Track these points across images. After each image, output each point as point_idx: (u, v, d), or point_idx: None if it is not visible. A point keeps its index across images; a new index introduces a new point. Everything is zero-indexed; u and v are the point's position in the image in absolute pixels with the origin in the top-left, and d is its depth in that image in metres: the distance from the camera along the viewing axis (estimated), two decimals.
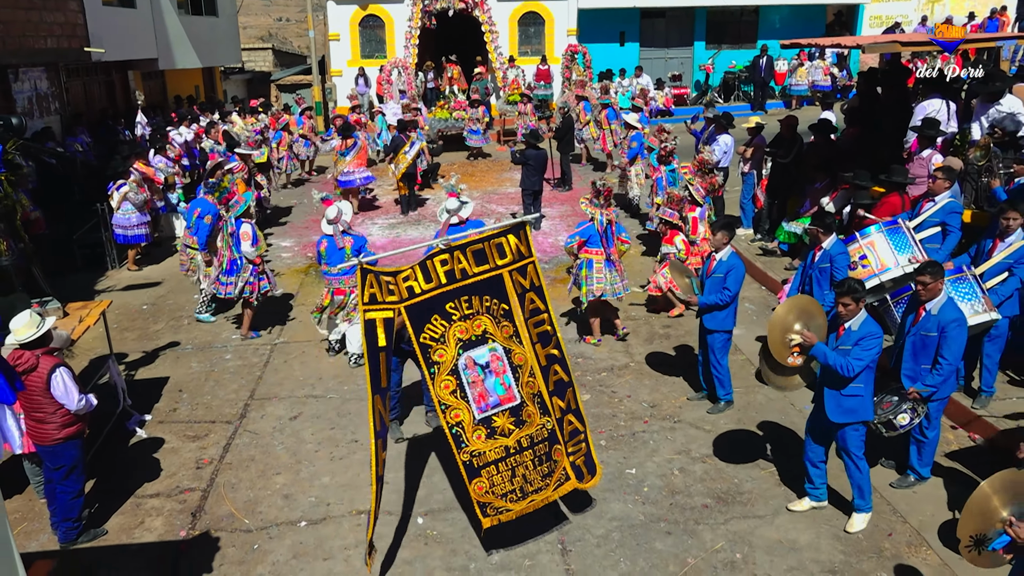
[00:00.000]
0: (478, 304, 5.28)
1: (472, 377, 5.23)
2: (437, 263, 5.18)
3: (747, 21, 25.05)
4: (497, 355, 5.31)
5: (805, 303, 5.64)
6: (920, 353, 5.76)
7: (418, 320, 5.14)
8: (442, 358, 5.19)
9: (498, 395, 5.29)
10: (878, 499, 5.99)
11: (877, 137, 10.10)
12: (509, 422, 5.32)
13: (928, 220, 7.75)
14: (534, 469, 5.40)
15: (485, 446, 5.24)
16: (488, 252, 5.31)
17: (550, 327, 5.50)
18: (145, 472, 6.71)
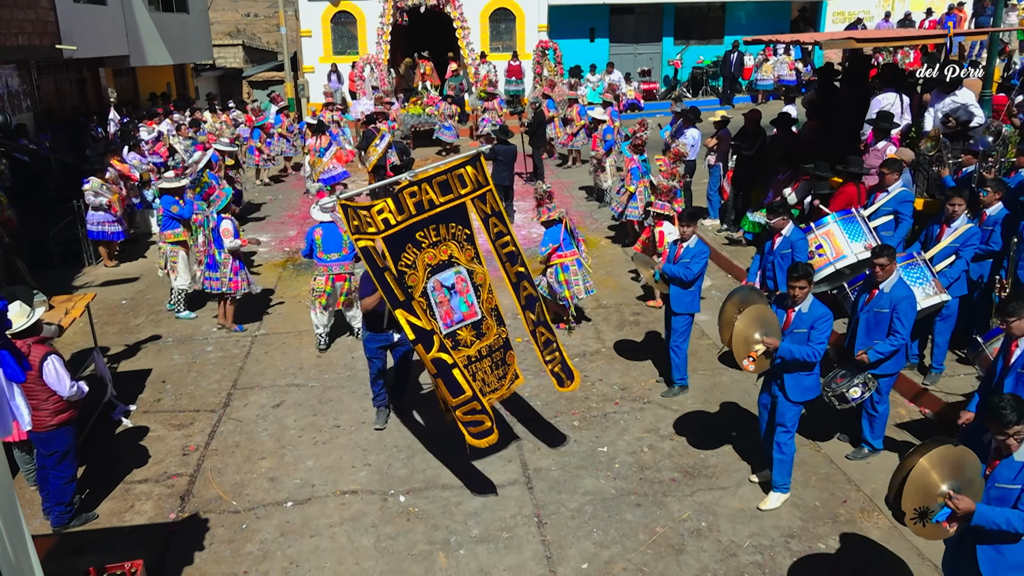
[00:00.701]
0: (444, 231, 5.78)
1: (439, 298, 5.79)
2: (407, 195, 5.61)
3: (714, 17, 25.51)
4: (462, 276, 5.88)
5: (758, 312, 5.79)
6: (873, 329, 6.13)
7: (395, 250, 5.58)
8: (414, 282, 5.67)
9: (462, 312, 5.88)
10: (834, 469, 6.38)
11: (835, 129, 10.51)
12: (471, 335, 5.93)
13: (881, 209, 8.14)
14: (491, 372, 6.06)
15: (447, 357, 5.63)
16: (451, 183, 5.77)
17: (514, 247, 6.07)
18: (133, 459, 6.90)
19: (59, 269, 12.16)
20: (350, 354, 8.72)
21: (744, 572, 5.32)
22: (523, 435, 7.06)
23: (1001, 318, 5.09)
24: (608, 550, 5.56)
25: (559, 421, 7.25)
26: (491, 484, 6.34)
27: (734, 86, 23.72)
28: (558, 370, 6.25)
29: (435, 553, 5.61)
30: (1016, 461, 3.94)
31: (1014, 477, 3.94)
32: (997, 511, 3.92)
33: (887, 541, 5.54)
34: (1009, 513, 3.89)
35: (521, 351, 8.62)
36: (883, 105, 9.64)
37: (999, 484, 3.99)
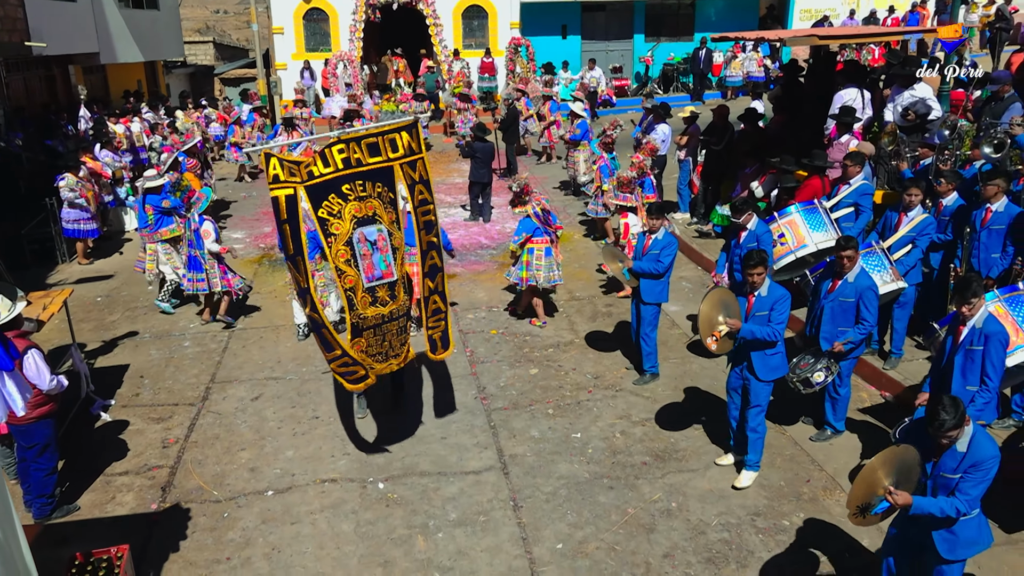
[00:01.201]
0: (371, 189, 5.90)
1: (363, 250, 5.93)
2: (335, 151, 5.74)
3: (684, 14, 25.84)
4: (383, 235, 6.00)
5: (719, 296, 6.11)
6: (839, 317, 6.38)
7: (316, 198, 5.76)
8: (338, 231, 5.82)
9: (381, 270, 6.02)
10: (798, 451, 6.63)
11: (800, 124, 10.80)
12: (387, 294, 6.07)
13: (843, 200, 8.40)
14: (396, 337, 6.24)
15: (368, 312, 5.98)
16: (381, 146, 5.88)
17: (434, 217, 6.22)
18: (113, 452, 6.98)
19: (33, 267, 12.11)
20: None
21: (712, 549, 5.54)
22: (499, 423, 7.23)
23: (955, 303, 5.34)
24: (582, 531, 5.75)
25: (534, 410, 7.43)
26: (468, 470, 6.51)
27: (704, 82, 24.06)
28: (436, 337, 6.48)
29: (414, 537, 5.77)
30: (958, 452, 4.14)
31: (956, 467, 4.15)
32: (932, 501, 4.16)
33: (847, 518, 5.78)
34: (942, 502, 4.13)
35: (496, 343, 8.81)
36: (845, 100, 9.93)
37: (943, 474, 4.19)
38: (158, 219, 9.94)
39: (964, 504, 4.11)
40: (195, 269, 9.30)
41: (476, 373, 8.19)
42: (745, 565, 5.38)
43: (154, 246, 10.01)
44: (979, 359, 5.25)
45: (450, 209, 14.29)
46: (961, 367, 5.21)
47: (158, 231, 9.96)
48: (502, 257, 11.80)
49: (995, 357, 5.21)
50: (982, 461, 4.09)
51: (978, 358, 5.26)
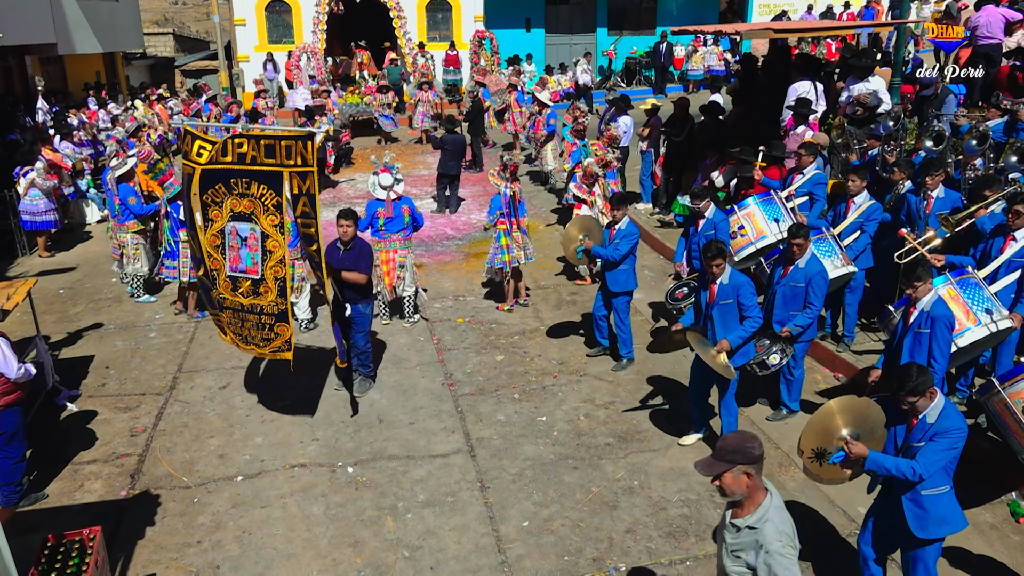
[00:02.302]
0: (255, 189, 6.18)
1: (232, 243, 6.35)
2: (234, 144, 6.10)
3: (646, 8, 26.14)
4: (255, 235, 6.31)
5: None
6: (790, 301, 6.63)
7: (206, 182, 6.24)
8: (216, 218, 6.32)
9: (246, 265, 6.39)
10: (755, 430, 6.86)
11: (758, 116, 11.07)
12: (249, 288, 6.45)
13: (798, 190, 8.67)
14: (256, 330, 6.59)
15: (228, 295, 6.53)
16: (277, 150, 6.08)
17: (315, 231, 6.30)
18: (80, 442, 6.98)
19: None
20: (295, 336, 8.87)
21: (672, 523, 5.75)
22: (466, 408, 7.37)
23: (906, 284, 5.58)
24: (547, 509, 5.93)
25: (500, 395, 7.59)
26: (436, 453, 6.65)
27: (665, 76, 24.37)
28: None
29: (383, 518, 5.89)
30: (927, 423, 4.29)
31: (922, 436, 4.29)
32: (888, 459, 4.27)
33: (801, 492, 6.04)
34: (899, 461, 4.24)
35: (462, 331, 8.92)
36: (800, 92, 10.22)
37: (911, 444, 4.32)
38: (124, 210, 9.89)
39: (921, 467, 4.16)
40: (170, 256, 9.25)
41: (443, 360, 8.32)
42: (704, 539, 5.59)
43: (124, 237, 9.96)
44: (926, 341, 5.49)
45: (416, 201, 14.33)
46: (910, 349, 5.45)
47: (125, 223, 9.91)
48: (468, 247, 11.92)
49: (940, 340, 5.43)
50: (947, 431, 4.21)
51: (925, 340, 5.49)
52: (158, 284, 10.22)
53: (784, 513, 3.47)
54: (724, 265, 6.14)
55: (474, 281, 10.51)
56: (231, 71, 23.77)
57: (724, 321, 6.24)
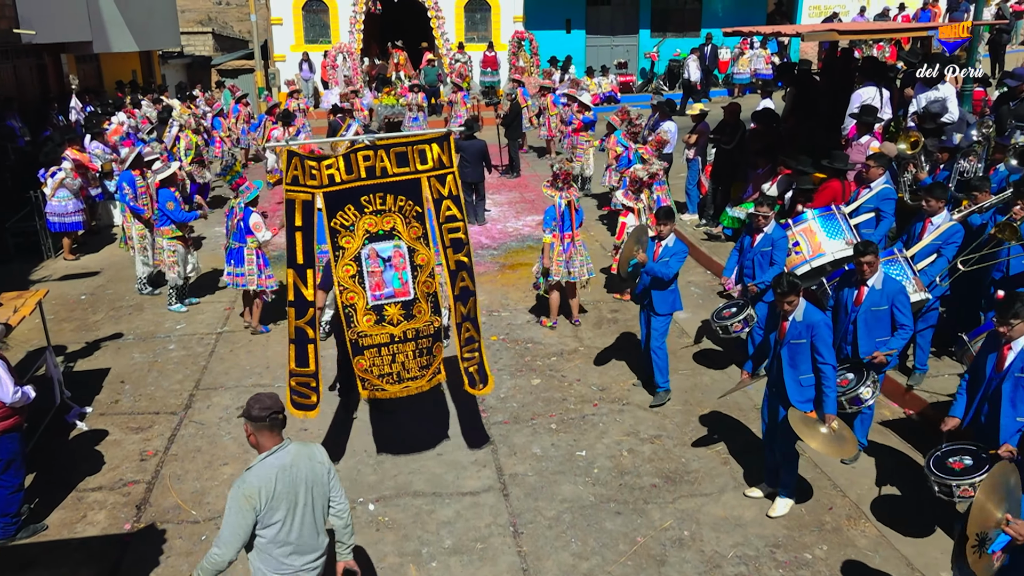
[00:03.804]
0: (392, 202, 5.60)
1: (372, 267, 5.63)
2: (360, 157, 5.45)
3: (691, 9, 25.36)
4: (400, 252, 5.69)
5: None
6: (874, 327, 5.96)
7: (333, 206, 5.48)
8: (348, 244, 5.57)
9: (393, 288, 5.70)
10: (819, 474, 6.20)
11: (816, 123, 10.35)
12: (399, 313, 5.71)
13: (863, 206, 7.97)
14: (413, 359, 5.82)
15: (372, 329, 5.67)
16: (410, 156, 5.58)
17: (464, 235, 5.83)
18: (87, 465, 6.54)
19: (16, 262, 11.70)
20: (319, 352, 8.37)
21: None
22: (499, 438, 6.80)
23: (1000, 320, 4.88)
24: (587, 562, 5.33)
25: (536, 425, 7.00)
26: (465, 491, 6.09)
27: (710, 79, 23.59)
28: (473, 370, 6.03)
29: (406, 566, 5.34)
30: None
31: None
32: None
33: (875, 550, 5.37)
34: None
35: (496, 351, 8.36)
36: (864, 99, 9.48)
37: None
38: (162, 215, 9.35)
39: None
40: (238, 263, 8.72)
41: None
42: None
43: (161, 242, 9.49)
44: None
45: None
46: (1011, 396, 4.76)
47: (161, 228, 9.40)
48: (503, 258, 11.35)
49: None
50: None
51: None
52: (192, 292, 9.86)
53: (270, 471, 3.75)
54: (798, 301, 5.46)
55: (510, 295, 9.94)
56: (267, 71, 23.51)
57: (793, 362, 5.52)
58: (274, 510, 3.71)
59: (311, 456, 3.93)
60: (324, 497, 3.95)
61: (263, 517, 3.70)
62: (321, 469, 3.93)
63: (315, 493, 3.87)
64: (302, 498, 3.80)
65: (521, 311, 9.47)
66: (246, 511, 3.66)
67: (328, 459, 4.04)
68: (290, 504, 3.76)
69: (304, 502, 3.81)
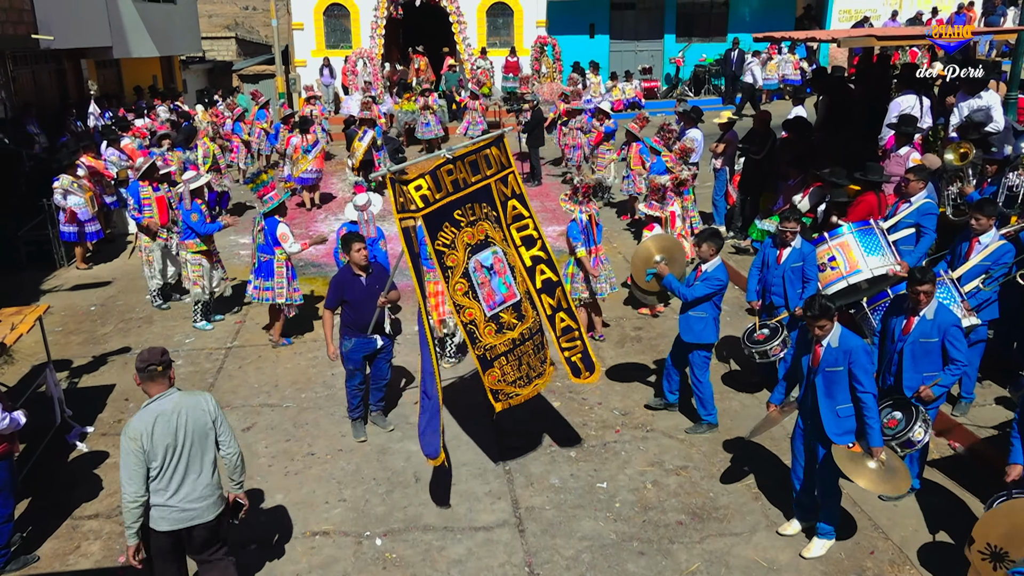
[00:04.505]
0: (479, 211, 5.63)
1: (480, 278, 5.62)
2: (444, 172, 5.43)
3: (717, 14, 24.87)
4: (499, 257, 5.74)
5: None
6: (921, 360, 5.53)
7: (433, 228, 5.41)
8: (454, 263, 5.51)
9: (502, 293, 5.73)
10: (859, 514, 5.76)
11: (850, 133, 9.90)
12: (513, 317, 5.78)
13: (903, 221, 7.52)
14: (535, 356, 5.94)
15: (495, 340, 5.67)
16: (480, 163, 5.64)
17: (534, 231, 5.93)
18: (84, 490, 6.27)
19: (28, 270, 11.53)
20: (330, 370, 8.07)
21: None
22: (515, 467, 6.44)
23: None
24: None
25: (554, 452, 6.63)
26: (478, 525, 5.73)
27: (736, 85, 23.09)
28: (577, 359, 6.11)
29: None
30: None
31: None
32: None
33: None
34: None
35: None
36: (903, 108, 9.03)
37: None
38: (186, 227, 8.96)
39: None
40: (267, 276, 8.39)
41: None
42: None
43: (184, 256, 9.14)
44: None
45: None
46: None
47: (186, 242, 8.99)
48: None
49: None
50: None
51: None
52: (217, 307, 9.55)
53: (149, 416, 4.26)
54: (832, 326, 5.06)
55: None
56: (288, 76, 23.35)
57: (829, 391, 5.12)
58: (156, 450, 4.19)
59: (196, 405, 4.38)
60: (207, 441, 4.38)
61: (147, 457, 4.18)
62: (205, 416, 4.37)
63: (196, 438, 4.32)
64: (182, 441, 4.26)
65: None
66: (134, 451, 4.17)
67: (215, 408, 4.48)
68: (170, 446, 4.22)
69: (185, 445, 4.27)
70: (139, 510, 4.23)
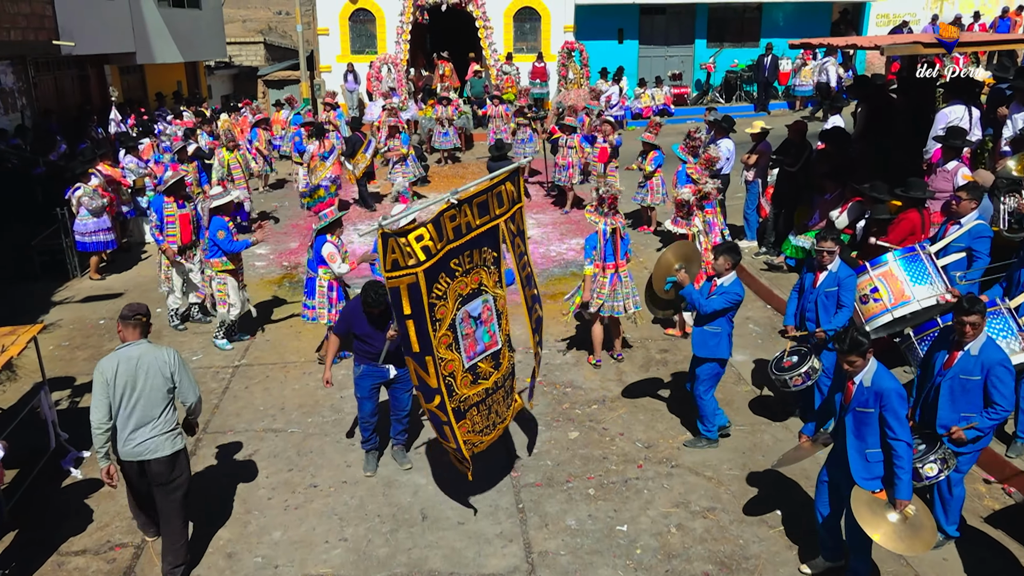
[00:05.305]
0: (477, 258, 5.30)
1: (466, 329, 5.34)
2: (447, 219, 5.00)
3: (750, 18, 24.24)
4: (488, 305, 5.46)
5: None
6: (960, 399, 5.02)
7: (430, 280, 5.00)
8: (442, 315, 5.13)
9: (484, 343, 5.48)
10: (903, 567, 5.25)
11: (893, 145, 9.33)
12: (490, 366, 5.55)
13: (952, 245, 6.98)
14: (502, 403, 5.75)
15: (470, 391, 5.41)
16: (490, 203, 5.28)
17: (531, 268, 5.81)
18: (75, 521, 5.94)
19: (42, 280, 11.34)
20: (339, 393, 7.68)
21: None
22: (529, 505, 6.00)
23: None
24: None
25: (572, 489, 6.18)
26: (486, 572, 5.30)
27: (769, 91, 22.49)
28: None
29: None
30: None
31: None
32: None
33: None
34: None
35: None
36: (951, 119, 8.47)
37: None
38: (212, 245, 8.54)
39: None
40: (308, 294, 8.01)
41: (506, 433, 6.98)
42: None
43: (209, 273, 8.75)
44: None
45: None
46: None
47: (212, 260, 8.60)
48: (543, 286, 10.53)
49: None
50: None
51: None
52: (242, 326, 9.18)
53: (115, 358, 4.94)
54: (864, 363, 4.59)
55: (549, 329, 9.12)
56: (312, 81, 23.16)
57: (859, 432, 4.69)
58: (117, 388, 4.86)
59: (158, 356, 4.97)
60: (164, 387, 4.97)
61: (111, 393, 4.86)
62: (164, 367, 4.97)
63: (155, 383, 4.93)
64: (141, 383, 4.90)
65: (560, 348, 8.68)
66: (100, 384, 4.87)
67: (176, 361, 5.04)
68: (129, 385, 4.88)
69: (143, 387, 4.90)
70: (104, 436, 4.89)
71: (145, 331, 5.02)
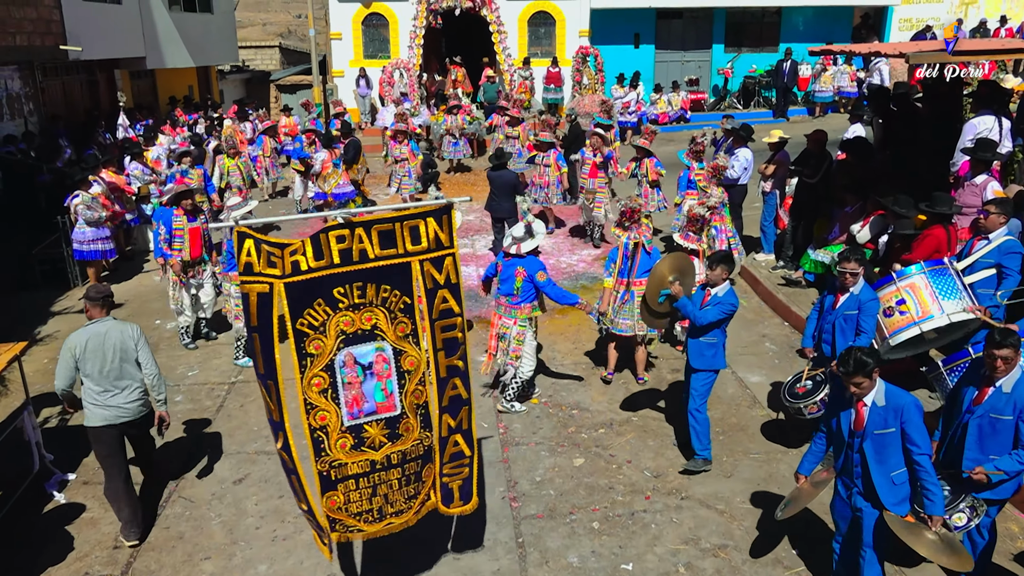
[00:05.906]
0: (373, 294, 4.41)
1: (349, 377, 4.44)
2: (332, 238, 4.27)
3: (769, 23, 23.82)
4: (384, 356, 4.51)
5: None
6: (988, 439, 4.65)
7: (297, 301, 4.27)
8: (318, 350, 4.35)
9: (376, 402, 4.52)
10: None
11: (917, 157, 8.93)
12: (382, 434, 4.56)
13: (980, 261, 6.61)
14: (399, 490, 4.70)
15: (348, 457, 4.51)
16: (398, 235, 4.39)
17: (461, 334, 4.66)
18: (55, 549, 5.70)
19: (43, 289, 11.15)
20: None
21: None
22: (529, 539, 5.67)
23: None
24: None
25: (575, 521, 5.85)
26: None
27: (788, 97, 22.05)
28: (455, 486, 4.89)
29: None
30: None
31: None
32: None
33: None
34: None
35: (535, 417, 7.23)
36: (979, 130, 8.07)
37: None
38: (229, 257, 8.25)
39: None
40: None
41: (508, 460, 6.66)
42: None
43: (228, 288, 8.48)
44: None
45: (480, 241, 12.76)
46: None
47: (229, 273, 8.32)
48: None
49: None
50: None
51: None
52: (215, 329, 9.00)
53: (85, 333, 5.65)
54: (870, 384, 4.33)
55: (557, 346, 8.82)
56: (325, 86, 22.97)
57: (881, 457, 4.42)
58: (86, 361, 5.52)
59: (123, 331, 5.64)
60: (131, 358, 5.65)
61: (81, 366, 5.54)
62: (130, 342, 5.63)
63: (121, 357, 5.60)
64: (109, 356, 5.55)
65: (568, 366, 8.34)
66: (68, 358, 5.55)
67: (140, 336, 5.70)
68: (97, 359, 5.53)
69: (111, 360, 5.56)
70: (66, 399, 5.78)
71: (109, 309, 5.74)
